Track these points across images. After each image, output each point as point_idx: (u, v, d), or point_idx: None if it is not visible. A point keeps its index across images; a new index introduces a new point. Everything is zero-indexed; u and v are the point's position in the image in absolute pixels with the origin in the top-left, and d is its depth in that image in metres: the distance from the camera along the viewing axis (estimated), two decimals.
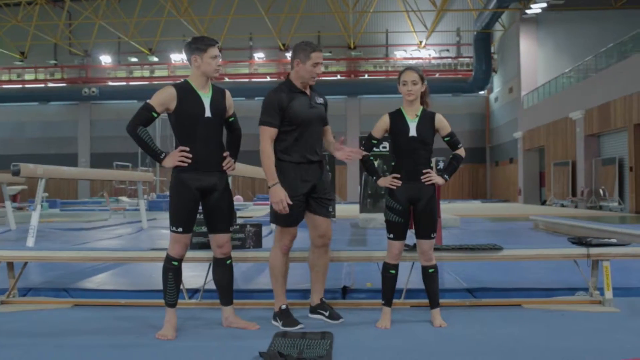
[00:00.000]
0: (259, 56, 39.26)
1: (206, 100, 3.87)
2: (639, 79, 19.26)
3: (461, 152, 4.14)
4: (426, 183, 3.99)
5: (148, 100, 3.81)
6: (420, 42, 38.30)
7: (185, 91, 3.84)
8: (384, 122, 4.09)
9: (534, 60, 31.14)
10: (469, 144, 35.84)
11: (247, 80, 38.98)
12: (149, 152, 3.79)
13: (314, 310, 4.19)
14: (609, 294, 4.40)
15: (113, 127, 39.58)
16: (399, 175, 4.01)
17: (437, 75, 37.18)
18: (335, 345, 3.44)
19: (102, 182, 33.41)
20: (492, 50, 36.55)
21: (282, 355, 3.20)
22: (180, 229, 3.83)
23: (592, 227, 9.26)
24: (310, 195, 4.08)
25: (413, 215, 4.04)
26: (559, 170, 26.51)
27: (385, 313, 4.01)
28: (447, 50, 38.92)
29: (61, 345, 3.50)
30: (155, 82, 39.14)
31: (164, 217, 16.25)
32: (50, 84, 40.74)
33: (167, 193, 26.74)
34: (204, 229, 4.61)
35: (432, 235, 4.03)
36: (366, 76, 38.99)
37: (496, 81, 37.44)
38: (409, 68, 4.09)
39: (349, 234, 11.18)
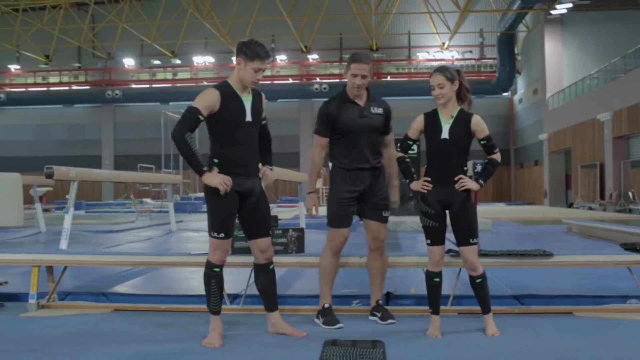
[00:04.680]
0: (281, 58, 39.23)
1: (247, 104, 3.78)
2: None
3: (497, 157, 3.96)
4: (459, 189, 3.86)
5: (193, 104, 3.64)
6: (443, 43, 38.08)
7: (228, 94, 3.72)
8: (419, 122, 3.98)
9: (559, 61, 30.79)
10: None
11: (269, 82, 38.97)
12: (192, 162, 3.58)
13: (371, 312, 4.26)
14: None
15: (136, 130, 39.93)
16: (429, 179, 3.90)
17: None
18: (388, 355, 3.34)
19: (126, 184, 33.59)
20: (516, 51, 36.21)
21: None
22: (222, 235, 3.71)
23: (631, 232, 9.06)
24: (362, 200, 4.17)
25: (450, 220, 3.92)
26: (586, 173, 26.16)
27: (434, 321, 3.88)
28: (470, 51, 38.63)
29: (108, 353, 3.43)
30: (178, 85, 39.40)
31: (191, 220, 16.29)
32: (74, 87, 41.08)
33: (192, 195, 26.82)
34: None
35: (470, 241, 3.86)
36: (389, 78, 38.77)
37: (520, 83, 37.11)
38: (437, 70, 3.93)
39: None
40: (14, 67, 41.43)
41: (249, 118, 3.77)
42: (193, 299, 4.84)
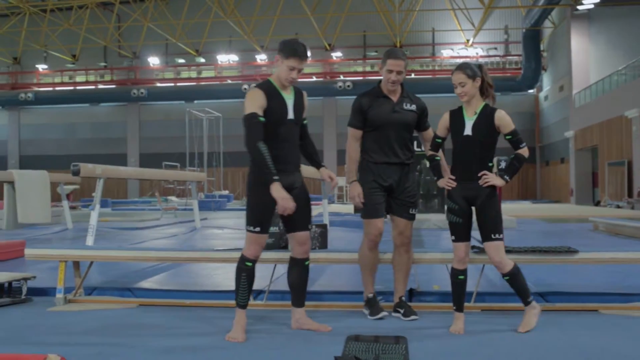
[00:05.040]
0: None
1: (289, 102, 3.84)
2: None
3: (524, 152, 3.92)
4: (483, 185, 3.84)
5: (249, 111, 3.67)
6: (468, 40, 37.79)
7: (271, 92, 3.78)
8: (445, 120, 4.00)
9: (586, 57, 30.37)
10: None
11: None
12: (264, 169, 3.61)
13: (394, 308, 4.29)
14: None
15: (161, 128, 40.28)
16: (454, 177, 3.91)
17: None
18: (410, 350, 3.34)
19: (151, 182, 33.93)
20: (542, 47, 35.80)
21: None
22: (258, 229, 3.77)
23: None
24: (390, 196, 4.25)
25: (475, 217, 3.92)
26: (613, 171, 25.80)
27: (458, 318, 3.88)
28: (495, 48, 38.29)
29: (134, 347, 3.48)
30: (203, 83, 39.62)
31: (215, 217, 16.39)
32: (101, 86, 41.53)
33: (216, 193, 26.99)
34: (272, 229, 4.57)
35: (492, 237, 3.83)
36: (413, 75, 38.54)
37: (546, 79, 36.70)
38: (458, 68, 3.91)
39: None
40: (41, 67, 42.06)
41: (290, 116, 3.82)
42: (217, 295, 4.88)
